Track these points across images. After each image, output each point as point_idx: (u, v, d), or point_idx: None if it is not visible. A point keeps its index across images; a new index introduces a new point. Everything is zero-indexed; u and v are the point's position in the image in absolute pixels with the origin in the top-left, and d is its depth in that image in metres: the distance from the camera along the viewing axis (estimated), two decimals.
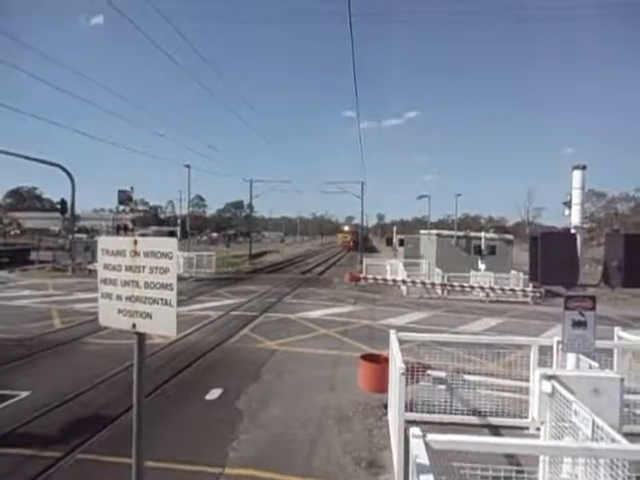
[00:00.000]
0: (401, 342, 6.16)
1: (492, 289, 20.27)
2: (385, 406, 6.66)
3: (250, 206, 66.75)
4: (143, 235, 33.78)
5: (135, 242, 2.75)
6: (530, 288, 19.64)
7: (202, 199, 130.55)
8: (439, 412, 6.44)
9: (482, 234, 25.15)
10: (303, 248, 78.06)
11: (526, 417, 6.24)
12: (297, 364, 9.30)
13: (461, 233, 26.68)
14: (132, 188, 58.91)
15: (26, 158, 24.83)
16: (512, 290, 20.15)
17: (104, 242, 2.97)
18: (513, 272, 21.92)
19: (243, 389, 7.67)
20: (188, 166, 42.06)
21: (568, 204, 5.25)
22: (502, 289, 20.20)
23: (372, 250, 67.53)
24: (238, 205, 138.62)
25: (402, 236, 43.28)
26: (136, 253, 2.74)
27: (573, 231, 5.12)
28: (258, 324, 13.40)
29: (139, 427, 2.79)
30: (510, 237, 26.32)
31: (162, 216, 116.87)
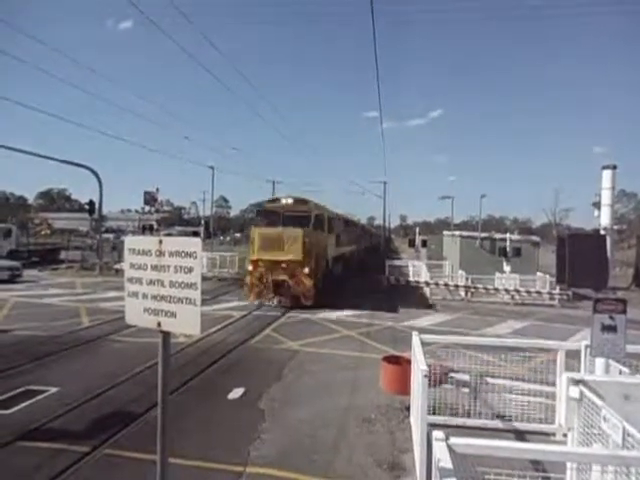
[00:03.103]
0: (424, 344, 6.10)
1: (517, 291, 19.88)
2: (407, 408, 6.60)
3: None
4: (168, 235, 34.37)
5: (160, 242, 2.79)
6: (557, 291, 19.19)
7: (226, 200, 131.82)
8: (462, 416, 6.36)
9: (507, 235, 24.69)
10: None
11: (552, 423, 6.10)
12: (319, 365, 9.30)
13: (485, 234, 26.25)
14: (158, 189, 59.68)
15: (57, 160, 25.60)
16: (538, 292, 19.72)
17: (130, 242, 3.03)
18: (539, 274, 21.44)
19: (265, 389, 7.71)
20: (212, 167, 42.63)
21: (597, 205, 5.12)
22: (528, 291, 19.79)
23: (393, 252, 60.64)
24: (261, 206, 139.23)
25: (425, 237, 42.85)
26: (161, 253, 2.78)
27: (603, 232, 4.98)
28: (280, 324, 13.48)
29: (163, 424, 2.83)
30: (536, 238, 25.78)
31: (186, 217, 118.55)
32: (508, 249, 23.06)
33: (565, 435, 4.50)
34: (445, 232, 33.55)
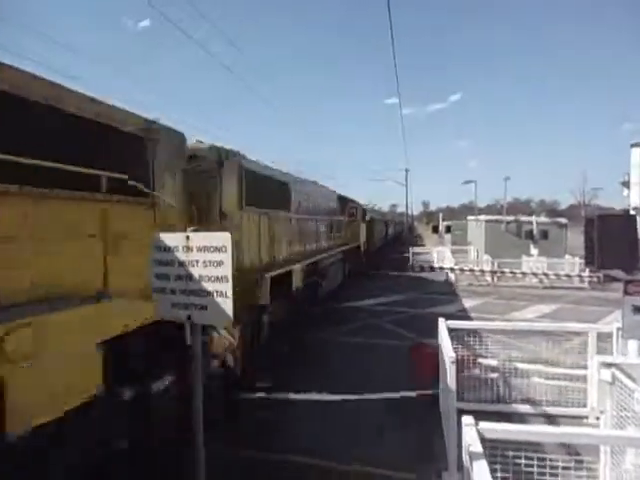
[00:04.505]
0: (450, 330, 6.08)
1: (545, 275, 19.51)
2: (435, 395, 6.61)
3: None
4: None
5: (188, 238, 2.87)
6: (586, 273, 18.75)
7: None
8: (492, 401, 6.33)
9: (533, 218, 24.19)
10: None
11: (584, 406, 6.03)
12: (341, 353, 9.37)
13: (511, 218, 25.75)
14: None
15: None
16: (567, 275, 19.31)
17: (157, 239, 3.10)
18: (568, 257, 20.97)
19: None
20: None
21: (627, 184, 4.99)
22: (556, 274, 19.40)
23: (417, 239, 57.97)
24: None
25: (448, 223, 42.33)
26: (189, 248, 2.86)
27: (633, 212, 4.86)
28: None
29: (197, 409, 2.93)
30: (564, 220, 25.17)
31: None
32: (535, 232, 22.64)
33: (598, 419, 4.45)
34: (469, 217, 33.05)
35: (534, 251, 21.60)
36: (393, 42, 13.76)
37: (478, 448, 2.66)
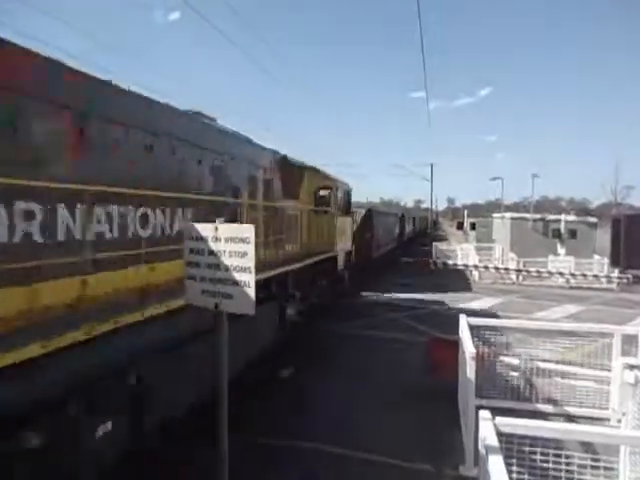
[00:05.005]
0: (472, 327, 6.08)
1: (572, 275, 19.10)
2: (455, 391, 6.63)
3: None
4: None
5: (216, 228, 2.98)
6: (616, 274, 18.29)
7: None
8: (512, 399, 6.31)
9: (562, 217, 23.67)
10: None
11: (606, 408, 5.96)
12: (364, 347, 9.45)
13: (538, 216, 25.26)
14: None
15: None
16: (595, 276, 18.85)
17: (189, 229, 3.24)
18: (596, 257, 20.48)
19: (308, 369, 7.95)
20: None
21: None
22: (584, 275, 18.96)
23: (441, 236, 53.90)
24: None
25: (473, 220, 41.75)
26: (217, 239, 2.97)
27: None
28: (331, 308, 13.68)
29: (222, 397, 3.06)
30: (593, 219, 24.55)
31: None
32: (562, 231, 22.18)
33: (619, 421, 4.41)
34: (495, 214, 32.53)
35: (561, 250, 21.18)
36: (422, 38, 13.65)
37: (494, 442, 2.70)
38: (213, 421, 3.11)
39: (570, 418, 6.01)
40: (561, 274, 19.22)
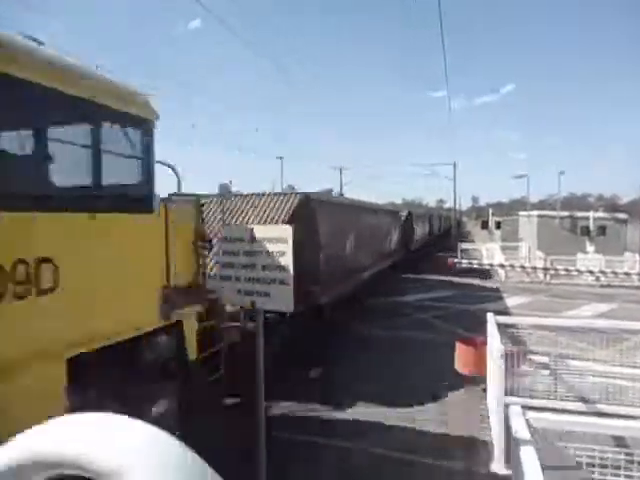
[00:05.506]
0: (500, 326, 6.08)
1: (602, 273, 18.64)
2: (484, 390, 6.63)
3: (340, 194, 67.59)
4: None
5: (252, 230, 3.12)
6: None
7: (293, 188, 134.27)
8: (542, 398, 6.27)
9: (590, 213, 23.16)
10: None
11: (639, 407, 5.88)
12: (393, 347, 9.50)
13: (565, 213, 24.77)
14: (231, 182, 62.44)
15: None
16: (626, 274, 18.38)
17: (224, 230, 3.39)
18: (627, 254, 19.97)
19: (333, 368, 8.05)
20: (281, 158, 44.83)
21: None
22: (614, 272, 18.49)
23: (465, 236, 52.51)
24: (328, 193, 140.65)
25: (499, 218, 41.11)
26: (254, 240, 3.11)
27: None
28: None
29: (259, 386, 3.20)
30: (623, 216, 23.93)
31: None
32: (591, 228, 21.71)
33: None
34: (520, 212, 32.01)
35: (590, 248, 20.73)
36: (443, 38, 13.61)
37: (526, 435, 2.75)
38: None
39: (602, 416, 5.93)
40: (591, 272, 18.77)
